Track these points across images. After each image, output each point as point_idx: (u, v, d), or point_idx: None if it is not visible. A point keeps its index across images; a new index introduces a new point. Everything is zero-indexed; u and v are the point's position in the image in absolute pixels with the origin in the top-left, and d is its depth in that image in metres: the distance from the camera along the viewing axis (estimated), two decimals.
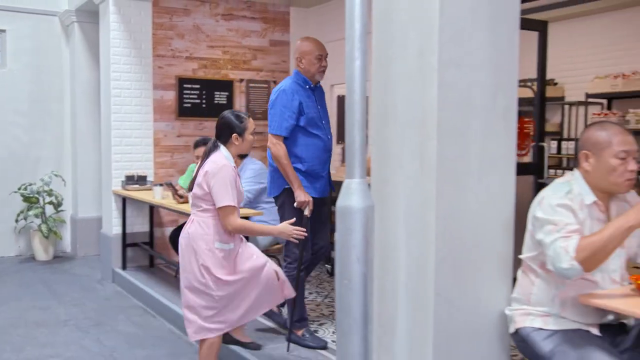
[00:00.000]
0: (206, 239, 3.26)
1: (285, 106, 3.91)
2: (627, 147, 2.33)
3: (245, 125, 3.39)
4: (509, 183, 2.66)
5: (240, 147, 3.41)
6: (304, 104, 3.95)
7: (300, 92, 3.96)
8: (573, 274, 2.21)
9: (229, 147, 3.37)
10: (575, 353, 2.24)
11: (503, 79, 2.61)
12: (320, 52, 4.01)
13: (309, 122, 3.97)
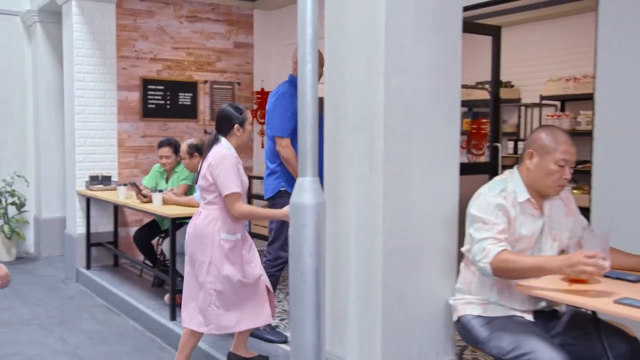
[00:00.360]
0: (212, 231, 3.38)
1: (286, 108, 4.05)
2: (568, 156, 2.52)
3: (245, 116, 3.55)
4: (452, 182, 2.84)
5: (241, 138, 3.56)
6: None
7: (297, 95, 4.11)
8: (484, 273, 2.42)
9: (230, 138, 3.53)
10: (510, 337, 2.42)
11: (446, 83, 2.78)
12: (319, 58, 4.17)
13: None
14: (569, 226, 2.67)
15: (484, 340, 2.51)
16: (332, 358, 2.92)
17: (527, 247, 2.54)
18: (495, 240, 2.42)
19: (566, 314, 2.64)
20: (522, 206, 2.54)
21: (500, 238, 2.44)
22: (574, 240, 2.70)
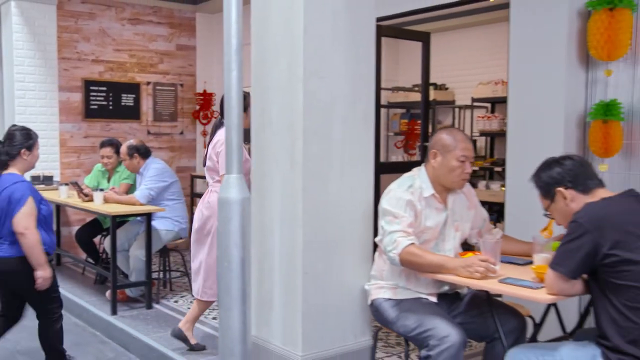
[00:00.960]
0: None
1: None
2: (467, 152, 2.81)
3: (247, 102, 3.57)
4: (368, 178, 3.11)
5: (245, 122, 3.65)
6: None
7: None
8: (393, 262, 2.71)
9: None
10: (415, 316, 2.70)
11: (362, 88, 3.05)
12: None
13: None
14: (471, 218, 2.97)
15: (392, 320, 2.79)
16: (258, 341, 3.15)
17: (431, 237, 2.82)
18: (405, 233, 2.70)
19: (467, 295, 2.94)
20: (427, 200, 2.82)
21: (409, 232, 2.71)
22: (475, 231, 3.01)
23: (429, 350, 2.59)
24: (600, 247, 2.12)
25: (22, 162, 3.59)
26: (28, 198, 3.45)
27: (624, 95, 3.92)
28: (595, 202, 2.24)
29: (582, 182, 2.34)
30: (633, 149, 3.91)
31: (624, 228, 2.13)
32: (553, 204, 2.41)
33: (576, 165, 2.39)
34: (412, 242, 2.67)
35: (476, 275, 2.52)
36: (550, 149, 3.99)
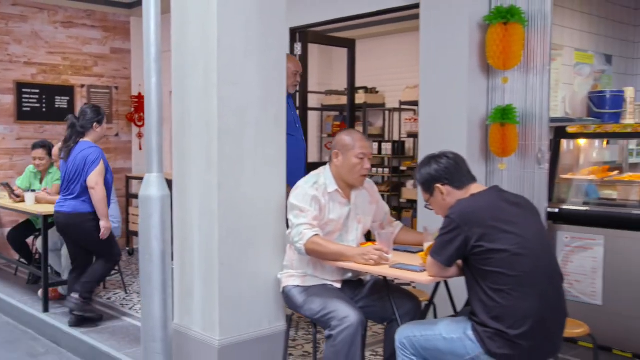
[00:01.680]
0: None
1: None
2: (364, 150, 3.12)
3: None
4: (280, 177, 3.39)
5: None
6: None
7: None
8: (300, 252, 3.01)
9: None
10: (320, 300, 2.99)
11: (273, 93, 3.33)
12: (296, 68, 4.70)
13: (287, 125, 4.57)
14: (373, 212, 3.28)
15: (300, 305, 3.07)
16: (180, 329, 3.38)
17: (335, 229, 3.12)
18: (310, 226, 2.98)
19: (369, 282, 3.25)
20: (331, 195, 3.11)
21: (314, 224, 3.00)
22: (377, 223, 3.33)
23: (331, 330, 2.88)
24: (469, 240, 2.44)
25: (94, 134, 4.66)
26: (100, 160, 4.53)
27: (518, 101, 4.32)
28: (465, 199, 2.57)
29: (457, 179, 2.67)
30: (527, 149, 4.31)
31: (488, 222, 2.45)
32: (432, 198, 2.74)
33: (451, 164, 2.72)
34: (317, 233, 2.96)
35: (371, 262, 2.83)
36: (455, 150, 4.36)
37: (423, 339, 2.62)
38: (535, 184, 4.29)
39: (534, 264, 2.41)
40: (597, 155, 5.09)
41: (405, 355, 2.67)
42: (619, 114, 5.04)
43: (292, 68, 4.64)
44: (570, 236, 4.28)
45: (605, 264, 4.11)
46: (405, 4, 5.00)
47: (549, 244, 2.58)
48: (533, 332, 2.39)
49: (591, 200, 4.44)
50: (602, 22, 5.78)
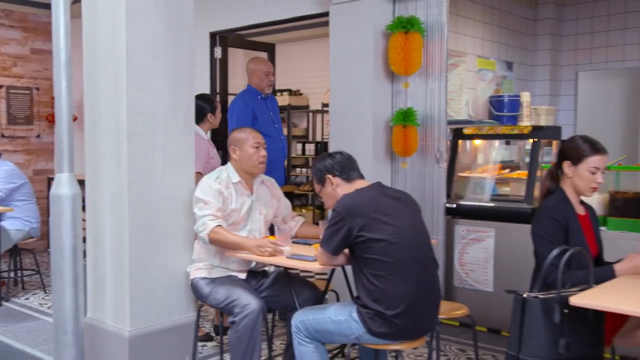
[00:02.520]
0: None
1: (240, 114, 4.71)
2: (258, 140, 3.39)
3: (214, 105, 4.43)
4: (189, 175, 3.58)
5: (213, 123, 4.41)
6: (257, 111, 4.79)
7: (254, 102, 4.84)
8: (204, 242, 3.24)
9: (203, 125, 4.34)
10: (224, 290, 3.20)
11: (182, 97, 3.52)
12: (267, 69, 4.88)
13: (263, 126, 4.73)
14: (274, 206, 3.53)
15: (206, 295, 3.28)
16: (93, 322, 3.53)
17: (239, 219, 3.34)
18: (213, 217, 3.20)
19: (273, 273, 3.49)
20: (235, 187, 3.34)
21: (218, 215, 3.22)
22: (280, 218, 3.57)
23: (234, 317, 3.11)
24: (352, 230, 2.71)
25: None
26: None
27: (419, 104, 4.66)
28: (350, 193, 2.84)
29: (346, 172, 2.95)
30: (427, 150, 4.66)
31: (369, 214, 2.72)
32: (323, 189, 3.00)
33: (344, 159, 2.99)
34: (219, 224, 3.19)
35: (266, 254, 3.07)
36: (362, 150, 4.68)
37: (315, 322, 2.87)
38: (435, 181, 4.64)
39: (408, 252, 2.70)
40: (496, 154, 5.50)
41: (300, 338, 2.92)
42: (516, 117, 5.48)
43: (264, 69, 4.88)
44: (466, 229, 4.66)
45: (496, 254, 4.50)
46: (318, 12, 5.27)
47: (424, 235, 2.87)
48: (408, 312, 2.68)
49: (485, 196, 4.83)
50: (503, 31, 6.22)
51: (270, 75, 4.90)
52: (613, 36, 6.36)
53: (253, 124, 4.71)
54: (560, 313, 2.31)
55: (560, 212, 2.78)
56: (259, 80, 4.89)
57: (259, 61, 5.04)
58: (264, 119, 4.85)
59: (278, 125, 5.03)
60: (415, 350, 4.04)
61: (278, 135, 4.96)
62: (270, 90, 4.97)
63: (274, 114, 4.99)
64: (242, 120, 4.76)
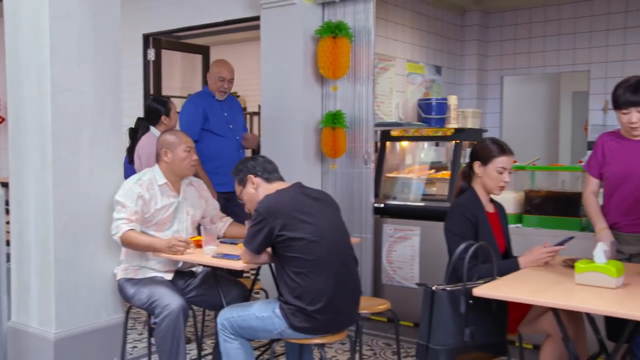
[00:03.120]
0: None
1: (191, 114, 4.68)
2: (189, 144, 3.42)
3: (169, 106, 4.42)
4: (117, 176, 3.60)
5: (169, 124, 4.40)
6: (208, 111, 4.72)
7: (206, 102, 4.76)
8: (119, 244, 3.27)
9: (159, 127, 4.35)
10: (148, 290, 3.23)
11: (108, 100, 3.55)
12: (221, 75, 4.78)
13: (215, 126, 4.71)
14: (202, 207, 3.58)
15: (131, 296, 3.31)
16: (17, 326, 3.51)
17: (165, 220, 3.38)
18: (127, 220, 3.23)
19: (201, 273, 3.55)
20: (161, 188, 3.37)
21: (132, 219, 3.24)
22: (208, 219, 3.63)
23: (156, 317, 3.15)
24: (274, 230, 2.80)
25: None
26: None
27: (348, 107, 4.80)
28: (271, 194, 2.93)
29: (267, 173, 3.05)
30: (355, 151, 4.80)
31: (289, 214, 2.82)
32: (244, 190, 3.09)
33: (265, 162, 3.09)
34: (132, 228, 3.22)
35: (178, 253, 3.14)
36: (293, 152, 4.80)
37: (240, 319, 2.95)
38: (363, 181, 4.79)
39: (328, 250, 2.82)
40: (424, 155, 5.71)
41: (226, 335, 2.99)
42: (444, 119, 5.69)
43: (218, 74, 4.83)
44: (394, 228, 4.82)
45: (421, 251, 4.68)
46: (250, 16, 5.35)
47: (343, 233, 2.99)
48: (328, 308, 2.79)
49: (412, 196, 5.01)
50: (432, 36, 6.45)
51: (225, 82, 4.83)
52: (534, 43, 6.68)
53: (204, 124, 4.71)
54: (466, 304, 2.47)
55: (471, 210, 2.95)
56: (213, 83, 4.85)
57: (217, 64, 4.94)
58: (216, 120, 4.80)
59: (234, 125, 4.92)
60: (343, 346, 4.17)
61: (232, 135, 4.89)
62: (222, 97, 4.86)
63: (230, 115, 4.90)
64: (192, 121, 4.70)
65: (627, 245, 3.08)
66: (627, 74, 5.99)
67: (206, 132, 4.72)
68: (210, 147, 4.71)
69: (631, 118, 2.97)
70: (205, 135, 4.72)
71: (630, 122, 2.97)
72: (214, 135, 4.76)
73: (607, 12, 6.19)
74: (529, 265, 2.85)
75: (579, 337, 2.84)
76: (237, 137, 4.94)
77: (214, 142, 4.74)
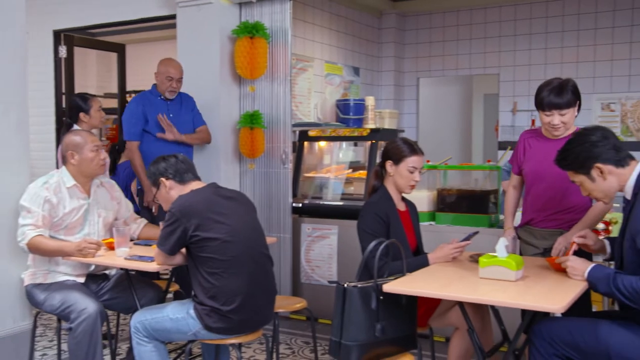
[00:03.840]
0: None
1: (132, 114, 4.46)
2: (96, 143, 3.34)
3: (90, 104, 4.27)
4: (23, 178, 3.47)
5: (90, 123, 4.28)
6: (149, 111, 4.45)
7: (151, 102, 4.49)
8: (25, 251, 3.16)
9: (80, 124, 4.22)
10: (60, 295, 3.14)
11: (13, 99, 3.41)
12: (169, 74, 4.50)
13: (156, 128, 4.44)
14: (114, 208, 3.50)
15: (41, 302, 3.20)
16: None
17: (75, 223, 3.27)
18: (34, 226, 3.12)
19: (114, 275, 3.47)
20: (69, 191, 3.26)
21: (39, 225, 3.13)
22: (121, 220, 3.55)
23: (71, 323, 3.06)
24: (188, 230, 2.77)
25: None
26: None
27: (265, 107, 4.82)
28: (185, 194, 2.91)
29: (180, 175, 3.01)
30: (273, 151, 4.83)
31: (203, 214, 2.80)
32: (158, 192, 3.05)
33: (178, 162, 3.04)
34: (40, 233, 3.11)
35: (89, 256, 3.07)
36: (212, 152, 4.77)
37: (154, 321, 2.91)
38: (281, 181, 4.82)
39: (242, 250, 2.82)
40: (343, 155, 5.79)
41: (139, 338, 2.94)
42: (361, 120, 5.80)
43: (166, 73, 4.55)
44: (312, 227, 4.87)
45: (339, 250, 4.75)
46: (166, 14, 5.26)
47: (258, 233, 3.00)
48: (243, 308, 2.80)
49: (329, 195, 5.08)
50: (350, 38, 6.55)
51: (173, 82, 4.56)
52: (448, 46, 6.91)
53: (144, 125, 4.48)
54: (377, 300, 2.53)
55: (382, 208, 3.03)
56: (161, 83, 4.58)
57: (164, 63, 4.65)
58: (157, 120, 4.53)
59: (179, 127, 4.60)
60: (262, 345, 4.18)
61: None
62: (171, 96, 4.60)
63: (176, 116, 4.62)
64: (131, 121, 4.48)
65: (542, 240, 3.23)
66: (533, 77, 6.38)
67: (147, 133, 4.51)
68: (151, 149, 4.46)
69: (553, 120, 3.09)
70: (145, 136, 4.51)
71: (552, 123, 3.10)
72: (153, 136, 4.52)
73: (514, 19, 6.49)
74: (438, 261, 2.95)
75: (484, 328, 2.98)
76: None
77: (153, 143, 4.49)
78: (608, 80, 6.10)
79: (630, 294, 2.28)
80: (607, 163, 2.47)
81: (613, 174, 2.48)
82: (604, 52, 6.09)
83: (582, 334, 2.42)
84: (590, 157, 2.49)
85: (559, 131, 3.13)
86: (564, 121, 3.08)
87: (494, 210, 4.29)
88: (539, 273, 2.70)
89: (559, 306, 2.18)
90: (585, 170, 2.51)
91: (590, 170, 2.50)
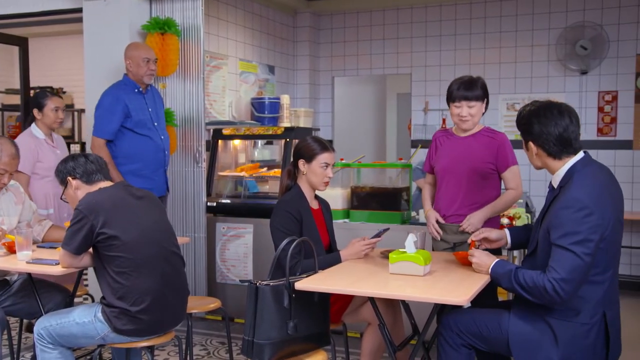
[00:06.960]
0: None
1: (108, 110, 4.05)
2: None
3: (44, 101, 4.20)
4: None
5: (45, 120, 4.22)
6: (131, 106, 4.06)
7: (128, 95, 4.09)
8: None
9: (38, 122, 4.24)
10: None
11: None
12: (147, 55, 4.12)
13: (138, 124, 4.08)
14: (18, 212, 3.35)
15: None
16: None
17: None
18: None
19: (17, 280, 3.31)
20: None
21: None
22: (24, 223, 3.40)
23: None
24: (95, 228, 2.68)
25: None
26: None
27: (177, 105, 4.73)
28: (93, 192, 2.81)
29: (87, 175, 2.91)
30: (186, 150, 4.74)
31: (110, 212, 2.71)
32: (66, 190, 2.94)
33: (87, 162, 2.93)
34: None
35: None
36: None
37: (59, 327, 2.79)
38: (195, 180, 4.74)
39: (152, 249, 2.76)
40: (258, 154, 5.77)
41: (43, 345, 2.82)
42: (276, 118, 5.80)
43: (142, 55, 4.16)
44: (227, 226, 4.83)
45: (254, 249, 4.73)
46: (71, 7, 5.06)
47: (168, 232, 2.94)
48: (153, 308, 2.74)
49: (244, 194, 5.05)
50: (264, 36, 6.53)
51: (150, 63, 4.18)
52: (362, 46, 7.02)
53: (125, 121, 4.11)
54: (289, 298, 2.54)
55: (295, 207, 3.04)
56: (137, 68, 4.16)
57: (134, 47, 4.25)
58: (140, 117, 4.17)
59: (158, 123, 4.32)
60: (176, 347, 4.10)
61: (157, 135, 4.28)
62: (150, 80, 4.25)
63: (154, 110, 4.30)
64: (109, 118, 4.08)
65: (452, 234, 3.34)
66: (444, 77, 6.57)
67: (126, 129, 4.14)
68: (130, 147, 4.15)
69: (462, 112, 3.24)
70: (125, 133, 4.15)
71: (461, 115, 3.25)
72: (134, 133, 4.16)
73: (425, 20, 6.67)
74: (350, 258, 3.00)
75: (396, 323, 3.05)
76: (162, 136, 4.33)
77: (133, 141, 4.16)
78: (512, 82, 6.38)
79: (531, 289, 2.37)
80: (540, 149, 2.48)
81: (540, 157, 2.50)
82: (508, 55, 6.37)
83: (486, 324, 2.53)
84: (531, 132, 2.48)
85: (467, 124, 3.26)
86: (471, 113, 3.22)
87: (405, 207, 4.39)
88: (446, 267, 2.80)
89: (463, 298, 2.26)
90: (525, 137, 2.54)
91: (527, 143, 2.54)
